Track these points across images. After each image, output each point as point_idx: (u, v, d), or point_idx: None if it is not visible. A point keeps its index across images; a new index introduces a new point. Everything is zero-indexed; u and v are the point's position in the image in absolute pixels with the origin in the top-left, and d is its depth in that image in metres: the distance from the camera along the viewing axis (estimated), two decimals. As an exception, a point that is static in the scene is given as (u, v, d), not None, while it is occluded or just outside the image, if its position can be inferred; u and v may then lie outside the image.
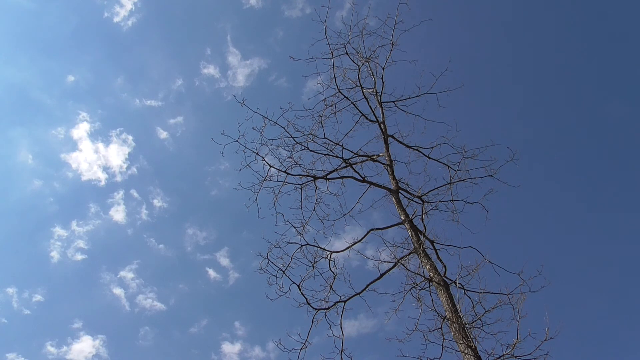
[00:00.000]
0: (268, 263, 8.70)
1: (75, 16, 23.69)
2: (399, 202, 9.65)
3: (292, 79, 22.52)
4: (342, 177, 10.58)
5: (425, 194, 10.00)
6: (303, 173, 10.39)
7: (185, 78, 24.78)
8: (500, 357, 6.93)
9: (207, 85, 24.77)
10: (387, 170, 10.51)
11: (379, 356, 10.05)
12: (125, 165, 22.93)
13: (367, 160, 10.82)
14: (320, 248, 9.18)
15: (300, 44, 24.86)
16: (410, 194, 10.28)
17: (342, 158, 10.73)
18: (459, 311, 7.50)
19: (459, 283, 8.38)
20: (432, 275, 8.21)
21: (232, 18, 24.99)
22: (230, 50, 24.24)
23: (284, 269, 8.72)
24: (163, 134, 24.17)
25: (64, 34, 23.92)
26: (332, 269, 9.06)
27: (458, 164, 10.60)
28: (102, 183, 23.03)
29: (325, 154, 10.76)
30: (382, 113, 11.33)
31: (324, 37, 11.19)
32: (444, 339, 7.72)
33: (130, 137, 23.18)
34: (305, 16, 21.68)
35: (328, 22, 11.12)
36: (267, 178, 10.10)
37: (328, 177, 10.53)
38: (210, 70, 24.03)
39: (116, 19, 22.81)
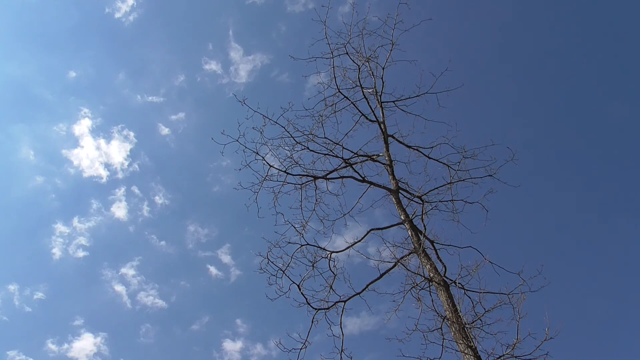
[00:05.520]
0: (268, 263, 8.70)
1: (77, 11, 23.68)
2: (399, 202, 9.65)
3: (294, 75, 22.53)
4: (342, 177, 10.58)
5: (425, 194, 10.01)
6: (303, 173, 10.41)
7: (187, 74, 24.74)
8: (500, 357, 6.93)
9: (209, 81, 24.75)
10: (387, 170, 10.51)
11: (380, 355, 10.05)
12: (126, 162, 22.93)
13: (367, 160, 10.83)
14: (320, 248, 9.19)
15: (302, 40, 24.88)
16: (410, 194, 10.28)
17: (342, 158, 10.73)
18: (459, 311, 7.50)
19: (459, 283, 8.39)
20: (432, 275, 8.21)
21: (234, 13, 24.96)
22: (232, 46, 24.23)
23: (284, 269, 8.73)
24: (165, 130, 24.15)
25: (65, 30, 23.91)
26: (332, 269, 9.06)
27: (458, 164, 10.61)
28: (104, 180, 23.00)
29: (325, 154, 10.77)
30: (382, 113, 11.33)
31: (324, 37, 11.21)
32: (444, 339, 7.72)
33: (131, 134, 23.17)
34: (307, 11, 21.68)
35: (330, 19, 11.13)
36: (267, 178, 10.11)
37: (328, 177, 10.54)
38: (212, 66, 24.00)
39: (117, 15, 22.78)
